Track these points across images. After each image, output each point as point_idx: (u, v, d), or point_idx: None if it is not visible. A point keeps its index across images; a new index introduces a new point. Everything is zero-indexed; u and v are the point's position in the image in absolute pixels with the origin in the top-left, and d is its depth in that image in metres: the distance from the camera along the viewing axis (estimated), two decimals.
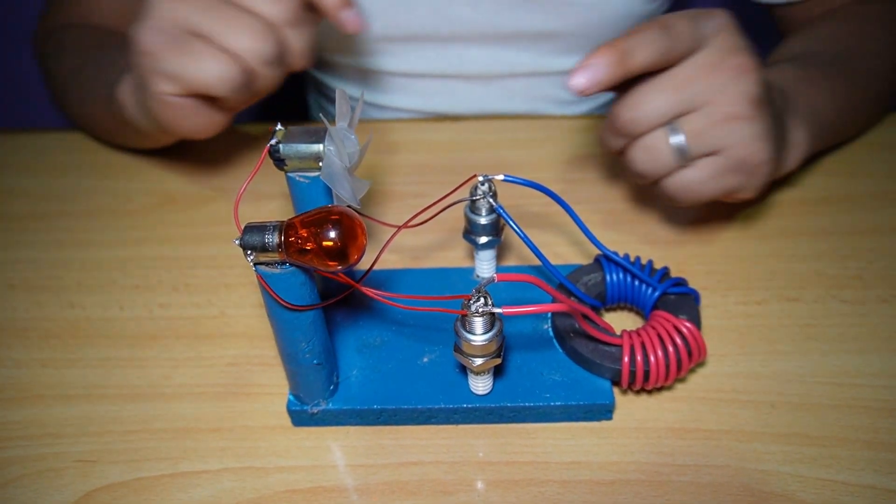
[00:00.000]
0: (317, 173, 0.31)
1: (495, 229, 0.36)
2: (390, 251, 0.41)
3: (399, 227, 0.31)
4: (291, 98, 0.81)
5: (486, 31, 0.54)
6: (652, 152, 0.35)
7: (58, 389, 0.36)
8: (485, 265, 0.38)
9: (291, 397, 0.33)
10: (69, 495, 0.32)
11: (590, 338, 0.33)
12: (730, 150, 0.34)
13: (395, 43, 0.55)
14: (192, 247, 0.44)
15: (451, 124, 0.53)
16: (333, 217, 0.26)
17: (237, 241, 0.26)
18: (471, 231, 0.36)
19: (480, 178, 0.34)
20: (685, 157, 0.35)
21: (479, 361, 0.30)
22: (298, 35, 0.39)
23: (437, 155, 0.50)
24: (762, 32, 0.58)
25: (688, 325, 0.33)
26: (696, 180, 0.35)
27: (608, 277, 0.36)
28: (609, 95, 0.66)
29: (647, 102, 0.34)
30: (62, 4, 0.55)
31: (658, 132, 0.34)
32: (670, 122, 0.34)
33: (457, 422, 0.33)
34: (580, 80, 0.32)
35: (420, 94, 0.59)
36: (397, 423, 0.33)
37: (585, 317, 0.33)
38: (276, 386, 0.36)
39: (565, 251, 0.42)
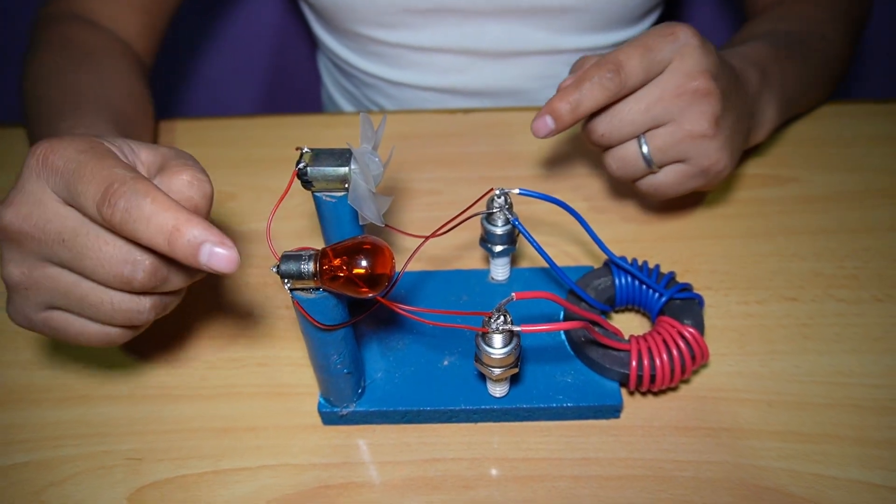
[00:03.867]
0: (342, 193, 0.33)
1: (510, 238, 0.38)
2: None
3: (425, 239, 0.33)
4: (303, 68, 0.82)
5: (505, 6, 0.55)
6: (624, 161, 0.40)
7: (102, 390, 0.39)
8: (499, 269, 0.40)
9: (322, 400, 0.36)
10: (122, 491, 0.34)
11: (600, 344, 0.35)
12: (692, 160, 0.39)
13: (414, 15, 0.56)
14: None
15: (463, 116, 0.54)
16: (365, 247, 0.28)
17: (274, 269, 0.28)
18: (487, 240, 0.38)
19: (497, 192, 0.36)
20: (652, 166, 0.39)
21: (497, 371, 0.32)
22: (154, 306, 0.31)
23: (450, 149, 0.52)
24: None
25: (691, 330, 0.35)
26: (663, 184, 0.40)
27: (617, 282, 0.38)
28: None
29: (619, 120, 0.38)
30: None
31: (629, 144, 0.39)
32: (639, 135, 0.39)
33: (476, 421, 0.36)
34: (540, 129, 0.37)
35: (436, 70, 0.60)
36: (420, 422, 0.36)
37: (596, 324, 0.35)
38: (304, 386, 0.38)
39: (577, 252, 0.44)
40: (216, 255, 0.27)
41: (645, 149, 0.38)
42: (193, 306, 0.42)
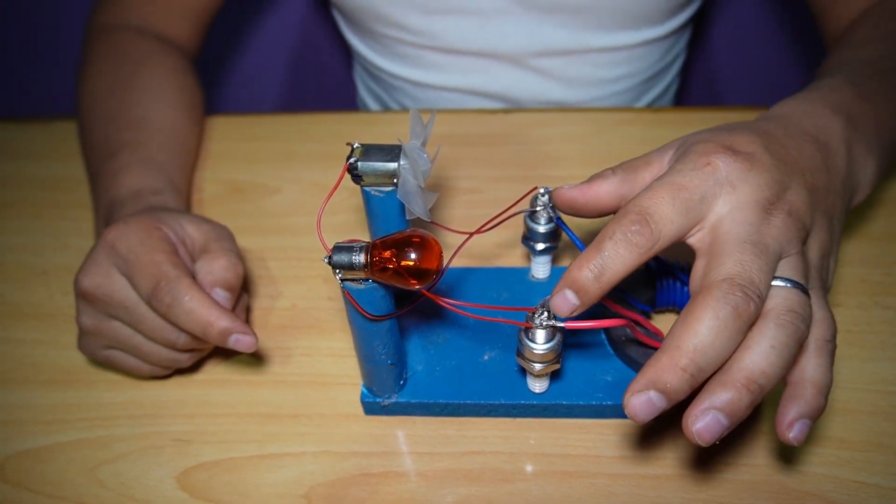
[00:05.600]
0: (391, 188, 0.34)
1: (553, 237, 0.38)
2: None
3: (469, 235, 0.34)
4: (339, 76, 0.83)
5: (525, 4, 0.55)
6: None
7: (155, 375, 0.40)
8: (541, 267, 0.41)
9: (365, 390, 0.37)
10: (170, 470, 0.36)
11: (641, 343, 0.35)
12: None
13: (434, 16, 0.57)
14: (261, 238, 0.47)
15: (504, 116, 0.55)
16: (414, 240, 0.29)
17: (326, 260, 0.29)
18: (529, 238, 0.38)
19: (541, 190, 0.36)
20: None
21: (539, 367, 0.33)
22: (193, 356, 0.39)
23: (490, 148, 0.52)
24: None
25: None
26: None
27: (658, 283, 0.38)
28: (649, 72, 0.65)
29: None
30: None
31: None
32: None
33: (515, 416, 0.36)
34: (562, 308, 0.28)
35: (459, 71, 0.60)
36: (460, 415, 0.36)
37: (637, 323, 0.35)
38: (346, 376, 0.39)
39: None
40: (240, 341, 0.35)
41: None
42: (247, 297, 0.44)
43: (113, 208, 0.41)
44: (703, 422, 0.25)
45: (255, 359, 0.40)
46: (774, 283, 0.27)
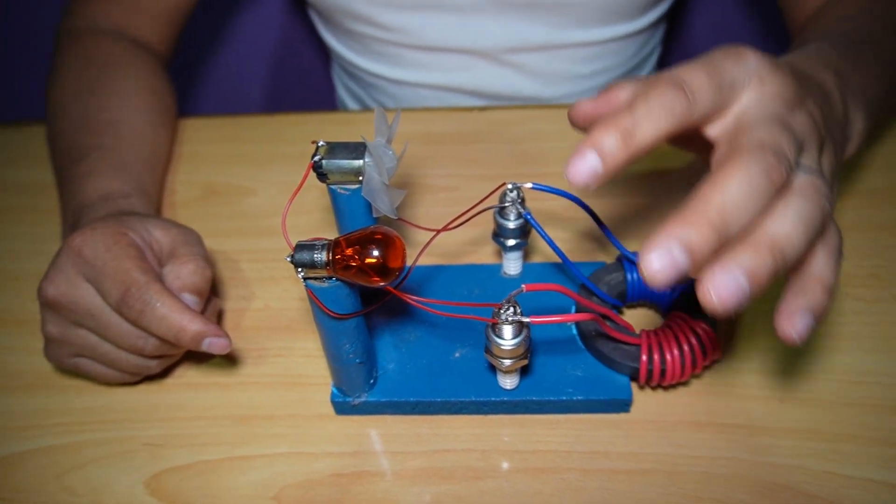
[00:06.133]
0: (356, 186, 0.34)
1: (523, 233, 0.38)
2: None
3: (437, 232, 0.34)
4: (318, 77, 0.83)
5: (503, 1, 0.55)
6: None
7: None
8: (512, 263, 0.41)
9: (335, 390, 0.36)
10: (141, 475, 0.35)
11: (611, 338, 0.35)
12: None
13: (413, 14, 0.57)
14: (236, 240, 0.47)
15: (479, 114, 0.55)
16: (377, 236, 0.28)
17: (288, 258, 0.29)
18: (500, 234, 0.38)
19: (509, 186, 0.36)
20: None
21: (508, 363, 0.33)
22: (161, 363, 0.38)
23: (467, 146, 0.52)
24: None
25: (704, 326, 0.35)
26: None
27: (629, 277, 0.38)
28: (625, 67, 0.66)
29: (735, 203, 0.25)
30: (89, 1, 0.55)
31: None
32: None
33: (486, 412, 0.36)
34: (579, 173, 0.25)
35: (438, 69, 0.61)
36: (431, 413, 0.36)
37: (606, 318, 0.35)
38: (319, 377, 0.39)
39: (591, 247, 0.44)
40: (214, 343, 0.35)
41: None
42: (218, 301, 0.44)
43: (80, 213, 0.41)
44: (724, 282, 0.23)
45: (228, 361, 0.40)
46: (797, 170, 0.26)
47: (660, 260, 0.23)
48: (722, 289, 0.23)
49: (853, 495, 0.32)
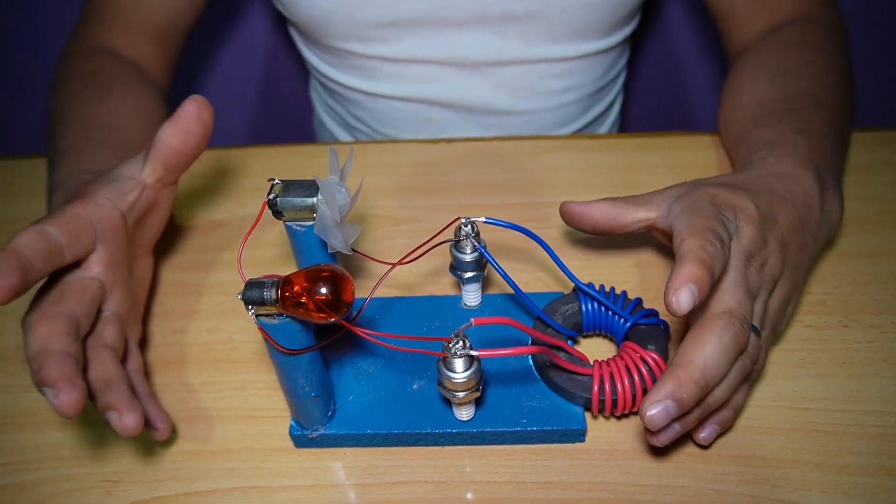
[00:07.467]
0: (311, 222, 0.34)
1: (479, 265, 0.39)
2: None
3: (392, 265, 0.34)
4: (296, 95, 0.84)
5: (476, 15, 0.57)
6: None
7: (83, 415, 0.39)
8: (471, 295, 0.41)
9: (293, 423, 0.37)
10: None
11: (564, 369, 0.36)
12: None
13: (388, 28, 0.58)
14: (202, 273, 0.47)
15: (446, 146, 0.56)
16: (325, 274, 0.29)
17: (239, 296, 0.30)
18: (457, 267, 0.39)
19: (463, 220, 0.37)
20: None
21: (460, 395, 0.33)
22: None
23: (432, 177, 0.53)
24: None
25: (654, 355, 0.36)
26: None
27: (584, 308, 0.39)
28: (594, 87, 0.68)
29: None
30: (94, 23, 0.58)
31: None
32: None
33: (443, 444, 0.37)
34: (682, 305, 0.30)
35: (412, 81, 0.62)
36: (389, 445, 0.37)
37: (559, 349, 0.36)
38: (279, 409, 0.39)
39: (548, 278, 0.45)
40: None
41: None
42: (179, 333, 0.44)
43: (68, 182, 0.42)
44: (656, 411, 0.30)
45: (189, 395, 0.40)
46: None
47: (658, 414, 0.30)
48: (655, 418, 0.31)
49: None
